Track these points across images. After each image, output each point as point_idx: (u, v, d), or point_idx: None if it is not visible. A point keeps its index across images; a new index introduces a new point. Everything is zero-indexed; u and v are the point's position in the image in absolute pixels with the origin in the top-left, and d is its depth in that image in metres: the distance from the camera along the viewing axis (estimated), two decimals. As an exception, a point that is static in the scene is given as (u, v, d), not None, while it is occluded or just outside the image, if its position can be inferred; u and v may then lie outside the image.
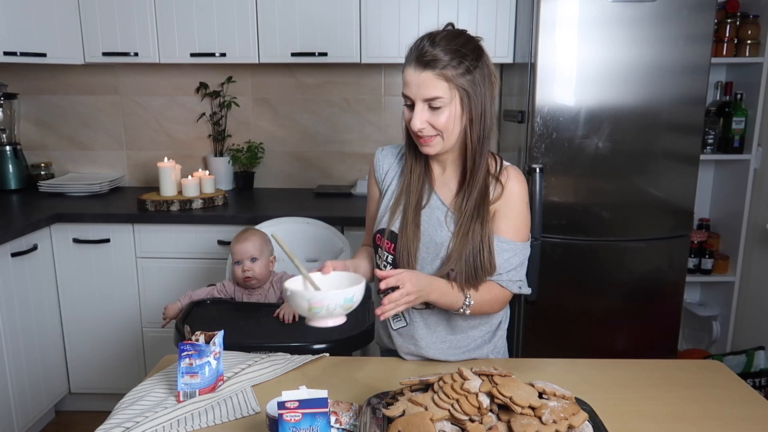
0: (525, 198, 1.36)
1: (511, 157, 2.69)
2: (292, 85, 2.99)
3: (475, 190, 1.29)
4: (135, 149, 3.09)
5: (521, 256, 1.36)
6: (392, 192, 1.39)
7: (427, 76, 1.20)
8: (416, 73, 1.21)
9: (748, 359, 2.65)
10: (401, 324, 1.40)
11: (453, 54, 1.19)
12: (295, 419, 0.93)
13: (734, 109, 2.72)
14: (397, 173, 1.40)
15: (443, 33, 1.23)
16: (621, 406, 1.18)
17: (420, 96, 1.22)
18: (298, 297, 1.06)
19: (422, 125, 1.23)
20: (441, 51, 1.19)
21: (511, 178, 1.33)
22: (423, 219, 1.34)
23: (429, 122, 1.23)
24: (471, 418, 0.98)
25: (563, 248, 2.36)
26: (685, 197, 2.36)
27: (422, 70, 1.20)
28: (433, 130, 1.24)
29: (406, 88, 1.24)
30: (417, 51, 1.21)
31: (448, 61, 1.19)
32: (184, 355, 1.17)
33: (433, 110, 1.22)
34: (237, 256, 1.93)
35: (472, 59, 1.21)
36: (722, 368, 1.37)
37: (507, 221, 1.33)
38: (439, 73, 1.19)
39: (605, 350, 2.39)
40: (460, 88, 1.21)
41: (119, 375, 2.64)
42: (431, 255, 1.33)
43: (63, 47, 2.61)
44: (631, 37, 2.22)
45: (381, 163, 1.44)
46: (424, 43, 1.21)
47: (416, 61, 1.21)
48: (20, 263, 2.31)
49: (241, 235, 1.98)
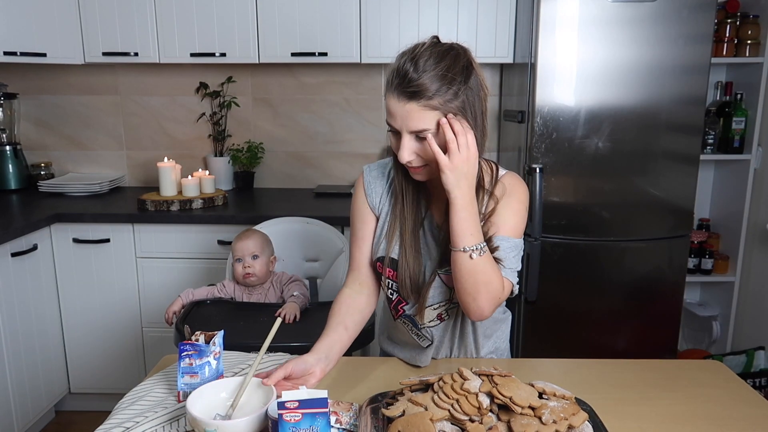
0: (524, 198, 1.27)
1: (511, 157, 2.70)
2: (292, 85, 2.99)
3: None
4: (135, 149, 3.09)
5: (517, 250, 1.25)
6: (386, 215, 1.32)
7: (412, 107, 1.09)
8: (400, 104, 1.10)
9: (748, 359, 2.64)
10: (427, 342, 1.35)
11: (440, 80, 1.08)
12: (295, 419, 0.93)
13: (734, 109, 2.72)
14: (389, 195, 1.32)
15: (428, 53, 1.10)
16: (621, 406, 1.18)
17: (406, 128, 1.12)
18: (198, 423, 1.01)
19: (410, 157, 1.15)
20: (427, 78, 1.08)
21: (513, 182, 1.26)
22: (425, 240, 1.28)
23: (417, 153, 1.15)
24: (471, 418, 0.98)
25: (563, 248, 2.36)
26: (685, 197, 2.36)
27: (407, 101, 1.09)
28: (421, 160, 1.16)
29: (390, 118, 1.14)
30: (399, 77, 1.10)
31: (435, 90, 1.08)
32: (184, 355, 1.16)
33: (421, 141, 1.13)
34: (238, 253, 1.93)
35: (460, 81, 1.10)
36: (722, 368, 1.37)
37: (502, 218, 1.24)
38: (426, 104, 1.09)
39: (605, 350, 2.39)
40: (450, 112, 1.11)
41: (119, 375, 2.64)
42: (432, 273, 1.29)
43: (63, 47, 2.61)
44: (631, 37, 2.22)
45: (373, 186, 1.34)
46: (408, 68, 1.09)
47: (400, 90, 1.10)
48: (20, 263, 2.31)
49: (243, 234, 1.99)
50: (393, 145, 1.20)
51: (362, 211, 1.36)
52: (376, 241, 1.34)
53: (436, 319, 1.32)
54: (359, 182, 1.37)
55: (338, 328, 1.28)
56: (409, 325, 1.35)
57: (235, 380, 1.12)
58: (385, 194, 1.33)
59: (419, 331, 1.34)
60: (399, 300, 1.34)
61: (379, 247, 1.33)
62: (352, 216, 1.38)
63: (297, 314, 1.75)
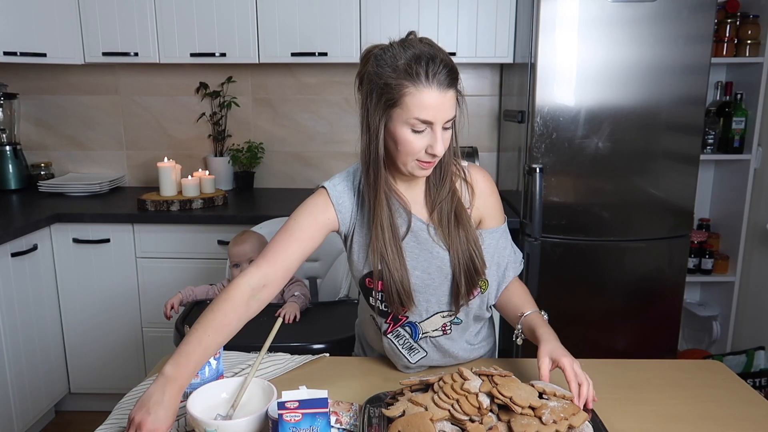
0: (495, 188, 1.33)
1: (511, 157, 2.70)
2: (292, 85, 2.99)
3: (446, 196, 1.23)
4: (135, 149, 3.09)
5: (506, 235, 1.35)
6: (360, 231, 1.25)
7: (452, 95, 1.10)
8: (442, 93, 1.08)
9: (748, 359, 2.64)
10: (421, 355, 1.32)
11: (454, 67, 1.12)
12: (295, 419, 0.93)
13: (734, 109, 2.72)
14: (359, 209, 1.25)
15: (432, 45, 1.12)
16: (621, 406, 1.18)
17: (443, 118, 1.10)
18: (199, 423, 1.02)
19: (445, 149, 1.14)
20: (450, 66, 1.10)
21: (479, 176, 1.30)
22: (411, 246, 1.24)
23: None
24: (471, 418, 0.98)
25: (563, 248, 2.36)
26: (685, 197, 2.36)
27: (447, 88, 1.09)
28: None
29: (426, 111, 1.09)
30: (438, 65, 1.08)
31: (456, 77, 1.11)
32: (184, 355, 1.16)
33: (445, 131, 1.13)
34: (235, 259, 1.93)
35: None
36: (722, 368, 1.37)
37: (492, 216, 1.31)
38: (456, 90, 1.12)
39: (605, 350, 2.39)
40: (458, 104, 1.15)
41: (119, 375, 2.64)
42: (439, 277, 1.26)
43: (63, 47, 2.61)
44: (631, 37, 2.22)
45: (342, 201, 1.24)
46: (440, 55, 1.10)
47: (444, 78, 1.08)
48: (20, 263, 2.31)
49: (239, 238, 1.98)
50: (413, 145, 1.12)
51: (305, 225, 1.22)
52: (356, 258, 1.27)
53: (439, 329, 1.30)
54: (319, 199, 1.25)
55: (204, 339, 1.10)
56: (404, 337, 1.30)
57: (235, 380, 1.12)
58: (355, 209, 1.25)
59: (416, 342, 1.31)
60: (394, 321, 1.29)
61: (361, 262, 1.27)
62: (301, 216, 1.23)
63: (297, 314, 1.75)
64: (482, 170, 1.32)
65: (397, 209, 1.23)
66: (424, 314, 1.28)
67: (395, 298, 1.22)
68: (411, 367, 1.34)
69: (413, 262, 1.24)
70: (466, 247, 1.23)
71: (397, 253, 1.21)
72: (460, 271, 1.23)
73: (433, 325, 1.30)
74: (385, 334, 1.31)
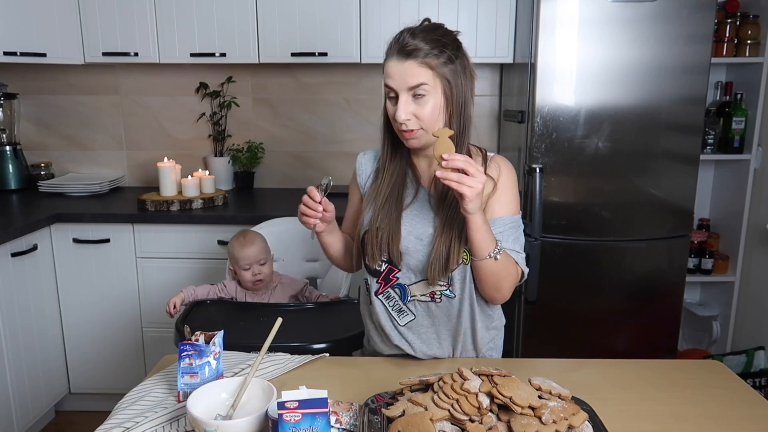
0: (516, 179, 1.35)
1: (511, 157, 2.68)
2: (292, 85, 2.99)
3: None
4: (135, 149, 3.09)
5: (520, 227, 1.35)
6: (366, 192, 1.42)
7: (410, 64, 1.20)
8: (399, 63, 1.21)
9: (748, 359, 2.65)
10: (409, 318, 1.37)
11: (434, 43, 1.21)
12: (295, 419, 0.93)
13: (734, 109, 2.72)
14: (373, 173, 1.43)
15: (422, 26, 1.26)
16: (621, 406, 1.18)
17: (404, 85, 1.21)
18: (199, 423, 1.01)
19: (407, 116, 1.22)
20: (421, 41, 1.21)
21: (503, 164, 1.34)
22: (413, 214, 1.34)
23: (413, 113, 1.22)
24: (471, 418, 0.98)
25: (563, 248, 2.36)
26: (685, 197, 2.36)
27: (405, 59, 1.21)
28: (417, 122, 1.23)
29: (389, 80, 1.23)
30: (398, 43, 1.23)
31: (429, 50, 1.20)
32: (184, 355, 1.17)
33: (417, 101, 1.22)
34: (245, 261, 1.91)
35: (452, 49, 1.23)
36: (722, 368, 1.37)
37: (500, 204, 1.31)
38: (422, 61, 1.20)
39: (605, 350, 2.39)
40: (442, 77, 1.22)
41: (119, 375, 2.64)
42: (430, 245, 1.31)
43: (63, 47, 2.61)
44: (631, 37, 2.22)
45: (363, 167, 1.45)
46: (405, 35, 1.23)
47: (398, 51, 1.22)
48: (20, 263, 2.31)
49: (245, 240, 1.95)
50: (390, 113, 1.26)
51: (352, 193, 1.50)
52: (360, 219, 1.40)
53: (428, 294, 1.33)
54: (354, 165, 1.49)
55: (340, 235, 1.46)
56: (393, 299, 1.36)
57: (235, 380, 1.12)
58: (372, 175, 1.43)
59: (404, 305, 1.35)
60: (390, 269, 1.35)
61: (364, 222, 1.38)
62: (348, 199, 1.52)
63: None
64: (507, 161, 1.36)
65: (410, 179, 1.35)
66: (413, 278, 1.33)
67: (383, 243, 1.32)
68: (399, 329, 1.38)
69: (410, 227, 1.33)
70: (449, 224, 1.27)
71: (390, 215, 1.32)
72: (441, 245, 1.28)
73: (421, 290, 1.34)
74: (376, 295, 1.37)
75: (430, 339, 1.39)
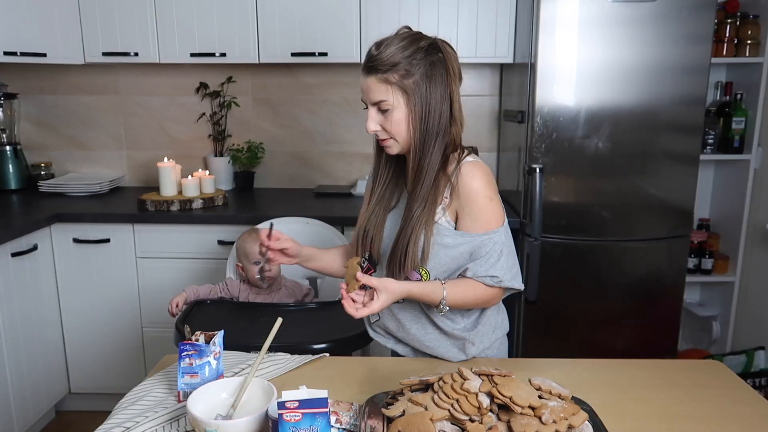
0: (484, 190, 1.29)
1: (511, 157, 2.70)
2: (292, 85, 2.99)
3: (420, 190, 1.29)
4: (135, 149, 3.09)
5: (498, 245, 1.29)
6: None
7: (371, 81, 1.26)
8: (364, 78, 1.27)
9: (748, 359, 2.65)
10: (374, 318, 1.47)
11: (396, 57, 1.23)
12: (295, 419, 0.93)
13: (734, 109, 2.72)
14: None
15: (393, 37, 1.27)
16: (621, 406, 1.18)
17: (369, 100, 1.28)
18: (199, 423, 1.01)
19: (375, 127, 1.29)
20: (385, 55, 1.23)
21: (464, 176, 1.29)
22: (394, 216, 1.38)
23: (381, 125, 1.29)
24: (471, 418, 0.98)
25: (563, 248, 2.36)
26: (685, 197, 2.36)
27: (367, 75, 1.26)
28: (385, 132, 1.29)
29: (361, 93, 1.30)
30: (366, 57, 1.27)
31: (390, 66, 1.23)
32: (184, 355, 1.17)
33: (383, 114, 1.28)
34: (255, 257, 1.92)
35: (418, 60, 1.24)
36: (722, 368, 1.37)
37: (471, 219, 1.29)
38: (381, 77, 1.24)
39: (605, 350, 2.39)
40: (401, 91, 1.25)
41: (119, 375, 2.64)
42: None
43: (63, 47, 2.61)
44: (631, 37, 2.22)
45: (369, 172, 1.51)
46: (371, 49, 1.26)
47: (364, 66, 1.27)
48: (20, 263, 2.31)
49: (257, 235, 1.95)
50: None
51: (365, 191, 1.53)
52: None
53: None
54: None
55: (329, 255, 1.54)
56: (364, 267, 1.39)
57: (235, 380, 1.12)
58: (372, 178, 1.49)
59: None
60: (368, 268, 1.36)
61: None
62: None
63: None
64: (475, 169, 1.30)
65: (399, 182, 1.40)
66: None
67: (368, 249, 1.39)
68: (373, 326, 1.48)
69: (389, 230, 1.38)
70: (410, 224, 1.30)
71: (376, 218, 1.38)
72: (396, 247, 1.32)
73: None
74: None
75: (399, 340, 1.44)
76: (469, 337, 1.38)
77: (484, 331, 1.40)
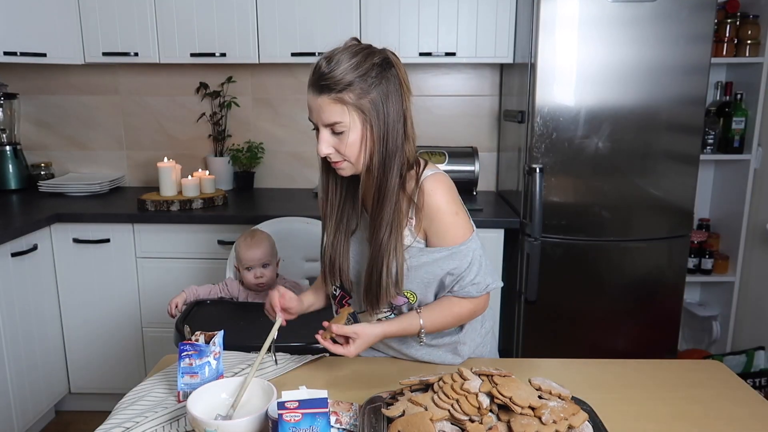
0: (449, 206, 1.25)
1: (511, 157, 2.70)
2: (292, 85, 2.99)
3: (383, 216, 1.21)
4: (135, 149, 3.09)
5: (468, 256, 1.26)
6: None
7: (323, 100, 1.15)
8: (314, 97, 1.17)
9: (748, 359, 2.65)
10: None
11: (350, 76, 1.13)
12: (295, 419, 0.93)
13: (734, 109, 2.72)
14: None
15: (342, 51, 1.16)
16: (621, 406, 1.18)
17: (321, 121, 1.18)
18: (199, 423, 1.01)
19: (328, 150, 1.20)
20: (338, 73, 1.13)
21: (428, 195, 1.23)
22: (356, 240, 1.33)
23: (335, 147, 1.19)
24: (471, 418, 0.98)
25: (563, 248, 2.37)
26: (685, 197, 2.36)
27: (319, 94, 1.16)
28: (339, 155, 1.20)
29: (309, 113, 1.21)
30: (314, 74, 1.16)
31: (345, 84, 1.13)
32: (184, 355, 1.17)
33: (337, 135, 1.18)
34: (248, 263, 1.91)
35: (373, 77, 1.15)
36: (722, 368, 1.37)
37: (439, 238, 1.26)
38: (336, 97, 1.14)
39: (605, 350, 2.39)
40: (359, 111, 1.15)
41: (119, 375, 2.64)
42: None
43: (63, 47, 2.61)
44: (631, 37, 2.22)
45: None
46: (321, 64, 1.15)
47: (313, 84, 1.16)
48: (20, 263, 2.31)
49: (252, 241, 1.94)
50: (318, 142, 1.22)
51: None
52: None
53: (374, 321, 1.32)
54: None
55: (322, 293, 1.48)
56: (349, 321, 1.35)
57: (235, 380, 1.12)
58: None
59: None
60: (342, 295, 1.37)
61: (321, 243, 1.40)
62: None
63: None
64: (437, 184, 1.25)
65: (354, 206, 1.31)
66: (362, 306, 1.32)
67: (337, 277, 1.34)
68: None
69: (357, 256, 1.33)
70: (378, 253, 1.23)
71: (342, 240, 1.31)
72: (370, 280, 1.25)
73: (367, 318, 1.34)
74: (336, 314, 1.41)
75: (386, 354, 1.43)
76: (460, 339, 1.37)
77: (472, 328, 1.39)
